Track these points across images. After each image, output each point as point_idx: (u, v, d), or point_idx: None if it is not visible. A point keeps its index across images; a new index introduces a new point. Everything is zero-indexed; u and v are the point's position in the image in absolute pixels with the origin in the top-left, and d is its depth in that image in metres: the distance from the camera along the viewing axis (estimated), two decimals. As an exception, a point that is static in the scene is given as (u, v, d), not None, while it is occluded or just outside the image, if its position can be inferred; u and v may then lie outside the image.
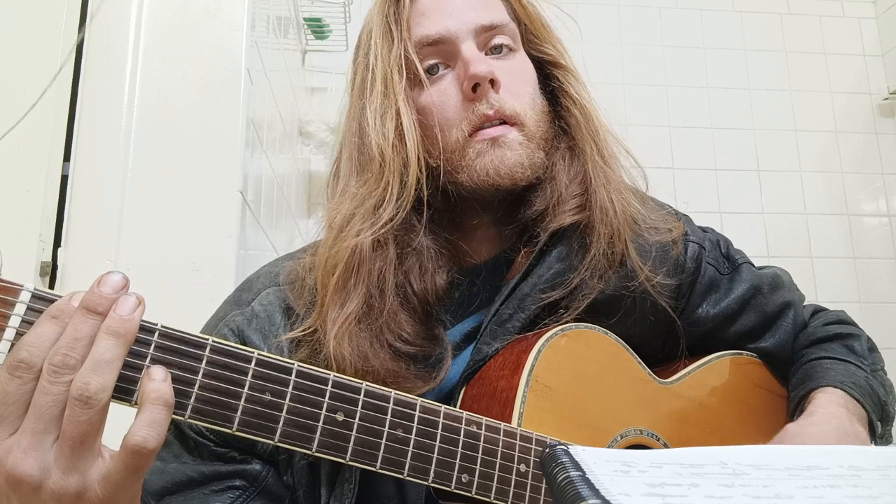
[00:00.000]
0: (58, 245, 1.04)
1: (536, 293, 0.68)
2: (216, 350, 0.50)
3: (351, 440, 0.52)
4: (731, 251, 0.83)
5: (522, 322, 0.67)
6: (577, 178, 0.71)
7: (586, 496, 0.32)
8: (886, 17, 2.40)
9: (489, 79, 0.66)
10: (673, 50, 2.33)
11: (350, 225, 0.65)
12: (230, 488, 0.62)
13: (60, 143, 1.07)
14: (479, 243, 0.74)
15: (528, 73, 0.73)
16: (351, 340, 0.61)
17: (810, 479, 0.35)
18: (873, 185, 2.31)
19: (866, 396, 0.72)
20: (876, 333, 0.86)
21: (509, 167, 0.66)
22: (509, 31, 0.72)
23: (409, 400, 0.55)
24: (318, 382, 0.52)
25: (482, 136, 0.67)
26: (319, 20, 1.95)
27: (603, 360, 0.69)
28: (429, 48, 0.69)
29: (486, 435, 0.57)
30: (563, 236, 0.70)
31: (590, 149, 0.71)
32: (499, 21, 0.70)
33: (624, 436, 0.68)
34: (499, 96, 0.67)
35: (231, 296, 0.72)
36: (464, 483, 0.55)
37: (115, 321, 0.45)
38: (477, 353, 0.67)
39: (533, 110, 0.70)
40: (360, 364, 0.61)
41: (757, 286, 0.80)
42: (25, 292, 0.45)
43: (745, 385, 0.79)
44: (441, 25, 0.69)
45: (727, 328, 0.79)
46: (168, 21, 1.13)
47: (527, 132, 0.68)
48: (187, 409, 0.48)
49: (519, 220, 0.71)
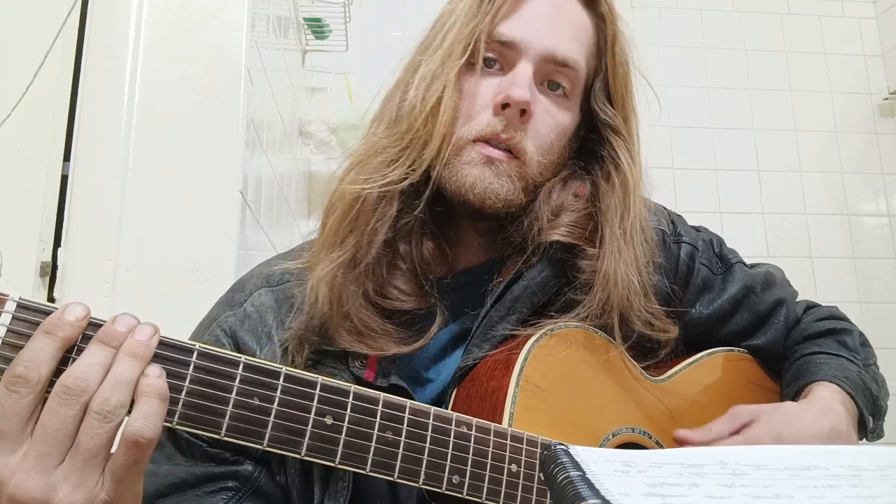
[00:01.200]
0: (58, 245, 1.04)
1: (527, 296, 0.68)
2: (203, 355, 0.49)
3: (340, 443, 0.52)
4: (724, 250, 0.83)
5: (513, 324, 0.67)
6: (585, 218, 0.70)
7: (586, 496, 0.32)
8: (886, 17, 2.40)
9: (521, 108, 0.65)
10: (673, 50, 2.33)
11: (359, 169, 0.66)
12: (223, 489, 0.62)
13: (60, 143, 1.07)
14: (469, 248, 0.73)
15: (564, 124, 0.70)
16: (332, 282, 0.62)
17: (810, 479, 0.35)
18: (873, 185, 2.31)
19: (858, 392, 0.72)
20: (876, 333, 0.86)
21: (484, 189, 0.65)
22: (574, 76, 0.69)
23: (398, 402, 0.55)
24: (307, 386, 0.52)
25: (482, 149, 0.66)
26: (319, 20, 1.95)
27: (593, 358, 0.69)
28: (497, 44, 0.68)
29: (476, 436, 0.57)
30: (555, 251, 0.70)
31: (613, 218, 0.69)
32: (571, 62, 0.68)
33: (616, 434, 0.68)
34: (522, 127, 0.66)
35: (224, 296, 0.72)
36: (455, 484, 0.55)
37: (135, 344, 0.46)
38: (468, 355, 0.67)
39: (543, 157, 0.69)
40: (335, 306, 0.62)
41: (750, 286, 0.80)
42: (11, 302, 0.45)
43: (736, 381, 0.79)
44: (519, 32, 0.67)
45: (721, 328, 0.80)
46: (168, 21, 1.13)
47: (523, 171, 0.67)
48: (175, 416, 0.48)
49: (509, 235, 0.70)
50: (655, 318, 0.71)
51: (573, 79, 0.70)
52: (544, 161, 0.69)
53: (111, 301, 1.00)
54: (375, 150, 0.67)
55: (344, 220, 0.65)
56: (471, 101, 0.67)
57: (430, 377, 0.68)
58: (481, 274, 0.72)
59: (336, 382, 0.54)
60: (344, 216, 0.65)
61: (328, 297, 0.62)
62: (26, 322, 0.45)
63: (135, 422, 0.45)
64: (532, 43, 0.67)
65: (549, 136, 0.69)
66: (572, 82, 0.70)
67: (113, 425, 0.44)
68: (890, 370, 0.79)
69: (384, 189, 0.65)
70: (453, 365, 0.68)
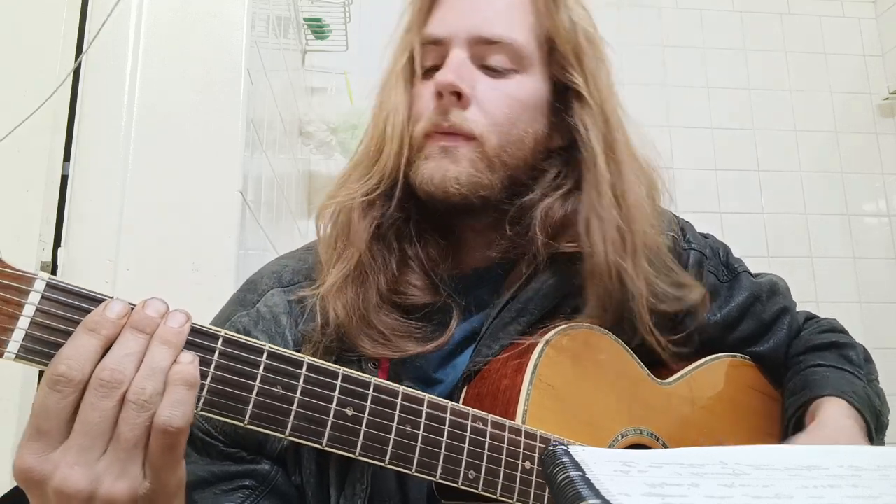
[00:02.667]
0: (58, 245, 1.04)
1: (538, 299, 0.68)
2: (228, 342, 0.50)
3: (361, 435, 0.52)
4: (731, 259, 0.84)
5: (524, 326, 0.68)
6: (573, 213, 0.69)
7: (586, 496, 0.32)
8: (886, 17, 2.40)
9: (451, 90, 0.65)
10: (673, 50, 2.33)
11: (342, 185, 0.70)
12: (241, 488, 0.62)
13: (60, 143, 1.07)
14: (472, 249, 0.72)
15: (518, 96, 0.68)
16: (344, 291, 0.64)
17: (810, 479, 0.35)
18: (873, 185, 2.31)
19: (865, 407, 0.72)
20: (876, 333, 0.86)
21: (442, 177, 0.65)
22: (512, 50, 0.67)
23: (417, 396, 0.55)
24: (329, 377, 0.52)
25: (435, 140, 0.67)
26: (319, 20, 1.95)
27: (604, 360, 0.69)
28: (430, 46, 0.69)
29: (491, 432, 0.58)
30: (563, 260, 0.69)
31: (593, 191, 0.67)
32: (502, 37, 0.67)
33: (625, 435, 0.68)
34: (462, 113, 0.66)
35: (235, 295, 0.72)
36: (470, 479, 0.56)
37: (168, 331, 0.47)
38: (478, 354, 0.67)
39: (504, 134, 0.67)
40: (353, 315, 0.63)
41: (756, 294, 0.81)
42: (40, 281, 0.45)
43: (739, 387, 0.80)
44: (443, 26, 0.69)
45: (728, 335, 0.81)
46: (168, 21, 1.13)
47: (483, 151, 0.66)
48: (199, 401, 0.48)
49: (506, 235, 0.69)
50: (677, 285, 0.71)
51: (512, 53, 0.68)
52: (507, 136, 0.67)
53: (111, 301, 1.00)
54: (354, 166, 0.71)
55: (336, 233, 0.68)
56: (418, 104, 0.69)
57: (439, 378, 0.68)
58: (490, 275, 0.72)
59: (357, 374, 0.54)
60: (335, 230, 0.68)
61: (344, 306, 0.63)
62: (55, 302, 0.46)
63: (163, 411, 0.45)
64: (456, 30, 0.68)
65: (502, 110, 0.67)
66: (512, 56, 0.68)
67: (150, 414, 0.44)
68: (890, 370, 0.79)
69: (364, 198, 0.67)
70: (462, 366, 0.68)
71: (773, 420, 0.79)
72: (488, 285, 0.71)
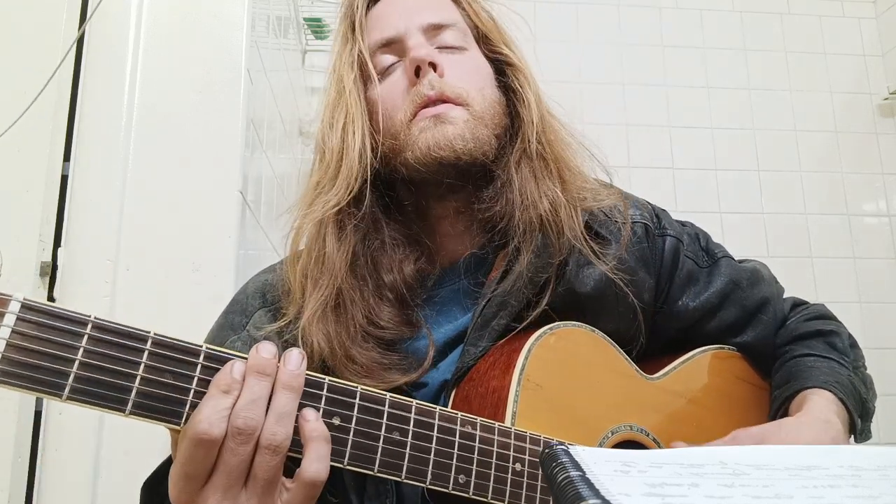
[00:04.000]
0: (58, 245, 1.04)
1: (516, 290, 0.68)
2: (209, 357, 0.50)
3: (348, 444, 0.53)
4: (711, 245, 0.83)
5: (507, 320, 0.68)
6: (528, 176, 0.72)
7: (586, 496, 0.32)
8: (886, 17, 2.40)
9: (429, 62, 0.69)
10: (673, 50, 2.33)
11: (304, 210, 0.70)
12: None
13: (60, 143, 1.07)
14: (447, 238, 0.74)
15: (479, 67, 0.74)
16: (325, 325, 0.65)
17: (810, 479, 0.35)
18: (873, 185, 2.30)
19: (849, 396, 0.72)
20: (876, 333, 0.86)
21: (449, 139, 0.67)
22: (459, 29, 0.75)
23: (404, 402, 0.55)
24: (314, 388, 0.53)
25: (424, 114, 0.69)
26: (319, 20, 1.95)
27: (591, 357, 0.69)
28: (384, 48, 0.73)
29: (481, 435, 0.57)
30: (532, 233, 0.70)
31: (529, 145, 0.72)
32: (447, 21, 0.74)
33: (615, 432, 0.68)
34: (442, 80, 0.70)
35: (222, 319, 0.74)
36: (461, 484, 0.55)
37: (288, 376, 0.51)
38: (465, 355, 0.67)
39: (482, 96, 0.71)
40: (337, 351, 0.64)
41: (736, 280, 0.80)
42: (15, 302, 0.45)
43: (727, 378, 0.79)
44: (392, 27, 0.73)
45: (707, 322, 0.80)
46: (168, 21, 1.13)
47: (472, 112, 0.70)
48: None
49: (479, 214, 0.71)
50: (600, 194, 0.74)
51: (459, 32, 0.75)
52: (483, 101, 0.72)
53: (111, 301, 1.00)
54: (312, 188, 0.72)
55: (308, 260, 0.68)
56: (389, 97, 0.71)
57: (425, 380, 0.68)
58: (469, 269, 0.72)
59: (342, 383, 0.54)
60: (307, 257, 0.69)
61: (326, 338, 0.64)
62: (31, 323, 0.45)
63: (310, 466, 0.50)
64: (407, 24, 0.73)
65: (473, 77, 0.73)
66: (460, 35, 0.75)
67: (282, 456, 0.49)
68: (890, 370, 0.79)
69: (336, 208, 0.67)
70: (449, 366, 0.68)
71: (763, 410, 0.79)
72: (470, 279, 0.72)
